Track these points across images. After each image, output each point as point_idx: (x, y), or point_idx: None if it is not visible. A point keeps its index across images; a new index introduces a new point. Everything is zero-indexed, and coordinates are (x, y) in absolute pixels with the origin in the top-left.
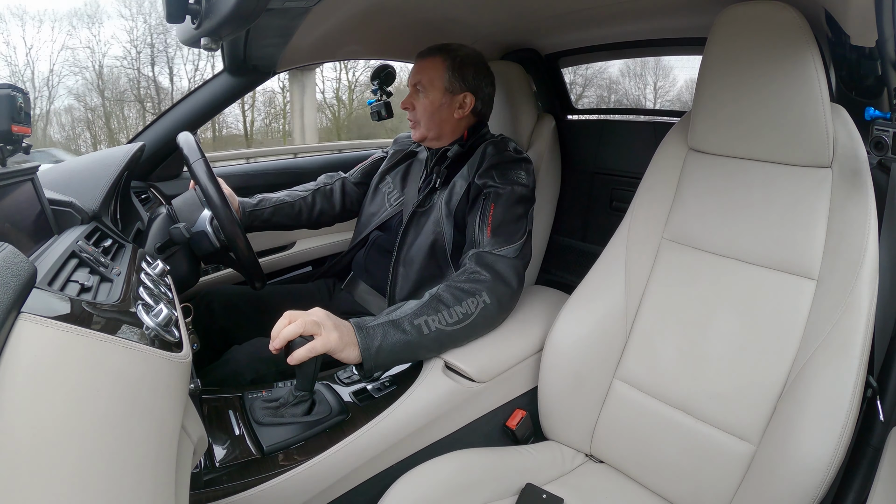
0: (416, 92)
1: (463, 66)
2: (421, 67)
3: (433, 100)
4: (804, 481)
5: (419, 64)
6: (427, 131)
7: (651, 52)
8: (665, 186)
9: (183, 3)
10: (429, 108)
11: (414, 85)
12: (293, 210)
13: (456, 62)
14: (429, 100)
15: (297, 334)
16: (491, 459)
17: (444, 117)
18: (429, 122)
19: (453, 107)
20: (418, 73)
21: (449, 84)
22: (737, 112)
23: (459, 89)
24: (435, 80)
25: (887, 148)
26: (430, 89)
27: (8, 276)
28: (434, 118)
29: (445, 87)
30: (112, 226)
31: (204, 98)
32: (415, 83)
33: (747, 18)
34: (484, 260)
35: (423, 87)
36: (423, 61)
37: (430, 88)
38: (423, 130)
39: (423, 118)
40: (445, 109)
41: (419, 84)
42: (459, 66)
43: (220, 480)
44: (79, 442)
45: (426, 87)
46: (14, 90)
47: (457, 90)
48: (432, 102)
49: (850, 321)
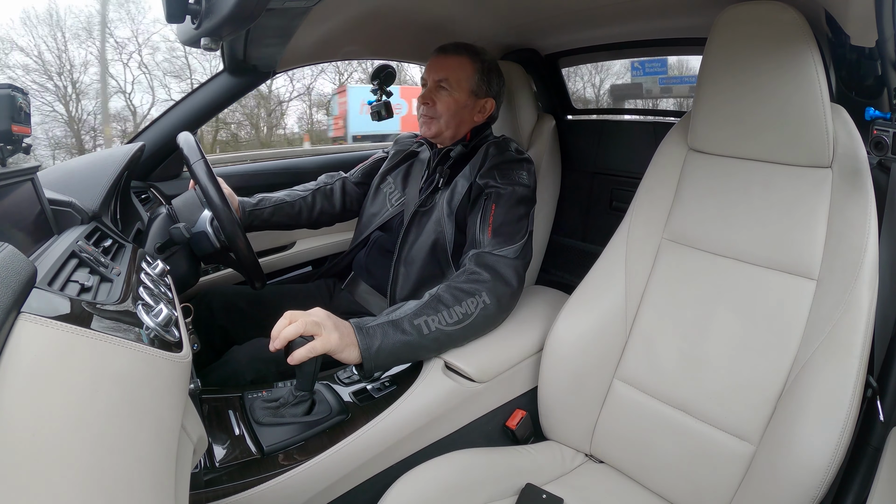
0: (438, 88)
1: (490, 72)
2: (447, 65)
3: (458, 99)
4: (804, 481)
5: (444, 60)
6: (445, 128)
7: (651, 52)
8: (665, 186)
9: (183, 3)
10: (452, 106)
11: (438, 81)
12: (293, 209)
13: (485, 66)
14: (453, 98)
15: (298, 334)
16: (491, 459)
17: (464, 118)
18: (449, 121)
19: (475, 110)
20: (443, 70)
21: (476, 87)
22: (737, 112)
23: (484, 94)
24: (462, 81)
25: (887, 148)
26: (457, 89)
27: (8, 276)
28: (455, 117)
29: (472, 90)
30: (112, 226)
31: (204, 98)
32: (439, 79)
33: (747, 18)
34: (484, 260)
35: (449, 85)
36: (450, 58)
37: (456, 88)
38: (441, 126)
39: (444, 115)
40: (468, 111)
41: (445, 81)
42: (488, 71)
43: (220, 480)
44: (79, 442)
45: (453, 86)
46: (14, 90)
47: (482, 94)
48: (456, 101)
49: (850, 321)
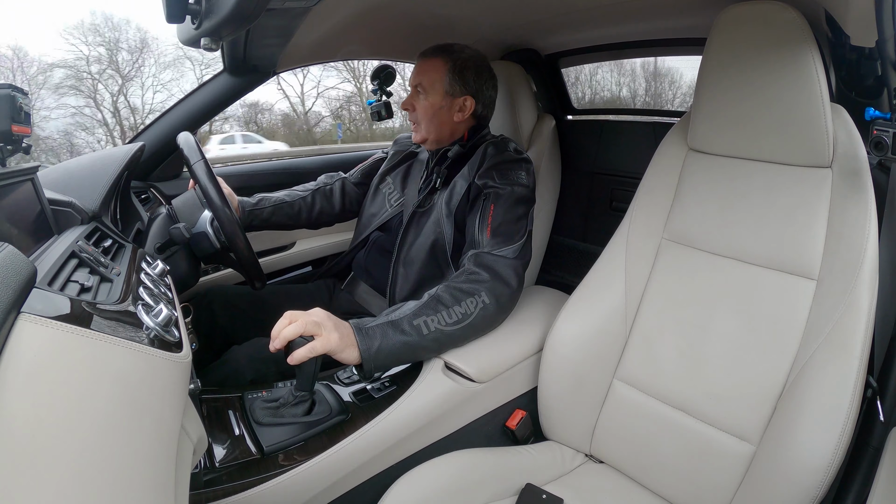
0: (416, 93)
1: (464, 69)
2: (422, 69)
3: (433, 102)
4: (804, 481)
5: (421, 65)
6: (427, 133)
7: (651, 53)
8: (665, 187)
9: (183, 3)
10: (428, 110)
11: (415, 86)
12: (293, 210)
13: (457, 64)
14: (428, 102)
15: (298, 334)
16: (491, 459)
17: (443, 120)
18: (428, 125)
19: (453, 110)
20: (419, 75)
21: (449, 87)
22: (736, 112)
23: (460, 92)
24: (435, 83)
25: (887, 148)
26: (431, 91)
27: (8, 276)
28: (434, 120)
29: (445, 90)
30: (112, 226)
31: (204, 98)
32: (415, 84)
33: (747, 18)
34: (483, 261)
35: (423, 89)
36: (425, 62)
37: (430, 90)
38: (424, 133)
39: (423, 120)
40: (445, 112)
41: (420, 86)
42: (460, 69)
43: (220, 480)
44: (78, 442)
45: (426, 89)
46: (14, 90)
47: (457, 93)
48: (432, 105)
49: (850, 321)
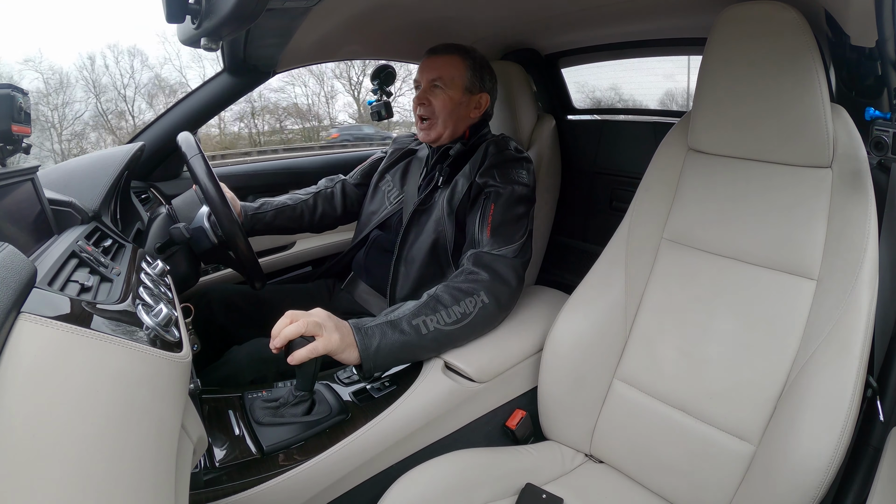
0: (432, 88)
1: (482, 68)
2: (439, 64)
3: (453, 96)
4: (804, 481)
5: (436, 60)
6: (444, 128)
7: (651, 52)
8: (665, 186)
9: (183, 3)
10: (448, 104)
11: (431, 81)
12: (295, 213)
13: (476, 63)
14: (448, 96)
15: (299, 334)
16: (491, 459)
17: (461, 115)
18: (447, 119)
19: (470, 106)
20: (436, 70)
21: (470, 83)
22: (737, 112)
23: (478, 90)
24: (456, 79)
25: (887, 148)
26: (450, 86)
27: (8, 276)
28: (452, 115)
29: (466, 86)
30: (112, 226)
31: (204, 98)
32: (433, 79)
33: (747, 18)
34: (482, 260)
35: (443, 84)
36: (440, 58)
37: (450, 85)
38: (440, 128)
39: (441, 114)
40: (463, 108)
41: (439, 80)
42: (479, 68)
43: (220, 480)
44: (79, 442)
45: (447, 84)
46: (14, 90)
47: (476, 90)
48: (452, 99)
49: (850, 321)
